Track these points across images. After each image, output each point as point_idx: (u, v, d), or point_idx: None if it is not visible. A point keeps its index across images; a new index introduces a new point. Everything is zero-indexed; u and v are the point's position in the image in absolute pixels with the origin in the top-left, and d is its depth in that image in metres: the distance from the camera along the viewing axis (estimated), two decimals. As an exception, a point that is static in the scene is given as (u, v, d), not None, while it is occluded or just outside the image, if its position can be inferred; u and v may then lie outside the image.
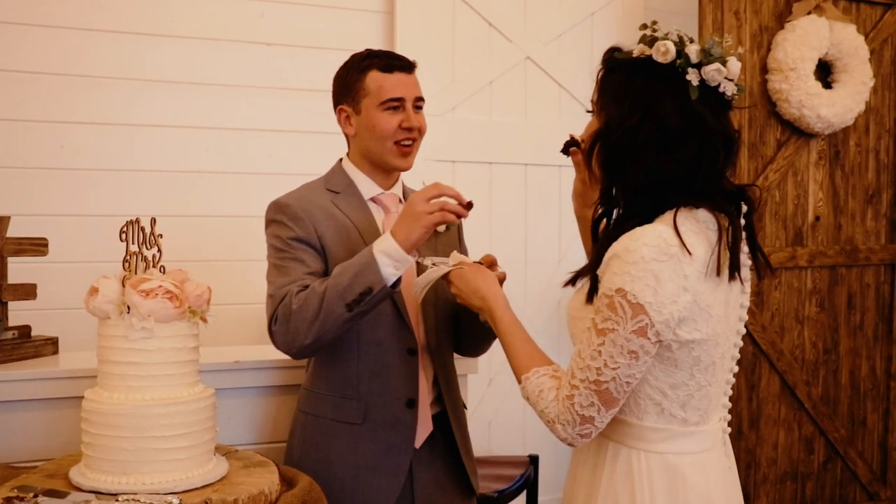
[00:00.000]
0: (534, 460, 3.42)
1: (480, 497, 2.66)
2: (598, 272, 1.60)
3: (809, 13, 3.81)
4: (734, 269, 1.59)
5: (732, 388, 1.76)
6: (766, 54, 3.84)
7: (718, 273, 1.56)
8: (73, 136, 3.32)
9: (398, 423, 2.07)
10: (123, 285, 1.75)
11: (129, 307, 1.73)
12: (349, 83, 2.10)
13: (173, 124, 3.46)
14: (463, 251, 2.27)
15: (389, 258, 1.88)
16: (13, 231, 2.28)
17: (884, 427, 4.19)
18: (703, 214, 1.59)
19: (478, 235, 3.76)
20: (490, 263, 2.04)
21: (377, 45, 3.68)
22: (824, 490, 4.07)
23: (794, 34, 3.77)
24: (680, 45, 1.57)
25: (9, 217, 2.26)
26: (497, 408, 3.88)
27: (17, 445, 2.14)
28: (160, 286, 1.73)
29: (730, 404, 1.75)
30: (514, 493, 3.22)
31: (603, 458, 1.68)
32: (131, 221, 1.79)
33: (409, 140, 2.08)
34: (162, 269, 1.83)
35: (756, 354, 3.87)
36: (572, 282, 1.75)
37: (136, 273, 1.79)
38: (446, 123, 3.71)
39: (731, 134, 1.64)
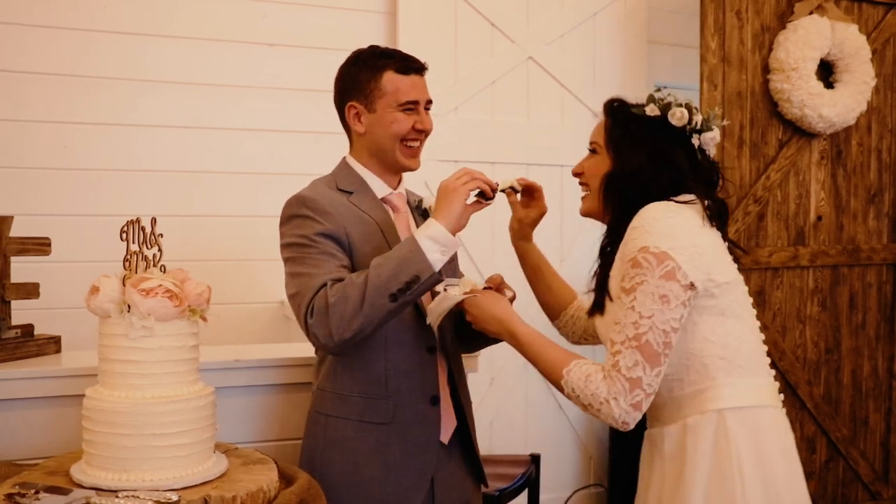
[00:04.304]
0: (535, 459, 3.43)
1: (482, 495, 2.67)
2: (619, 256, 1.81)
3: (811, 13, 3.82)
4: (723, 219, 1.88)
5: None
6: (767, 54, 3.84)
7: (711, 224, 1.84)
8: (75, 136, 3.34)
9: (425, 421, 2.07)
10: (124, 284, 1.77)
11: (129, 306, 1.74)
12: (361, 81, 2.09)
13: (176, 124, 3.48)
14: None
15: (435, 243, 1.87)
16: (16, 231, 2.29)
17: (886, 426, 4.19)
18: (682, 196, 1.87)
19: (480, 235, 3.77)
20: (498, 283, 2.07)
21: (380, 44, 3.71)
22: (826, 489, 4.07)
23: (796, 34, 3.77)
24: (689, 113, 1.90)
25: (12, 217, 2.28)
26: (499, 406, 3.89)
27: (19, 443, 2.15)
28: (160, 285, 1.75)
29: (767, 360, 1.89)
30: (516, 492, 3.23)
31: (681, 442, 1.80)
32: (132, 221, 1.81)
33: (416, 141, 2.11)
34: (162, 269, 1.84)
35: (758, 354, 3.88)
36: (594, 310, 1.96)
37: (136, 272, 1.80)
38: (448, 123, 3.72)
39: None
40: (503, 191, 2.18)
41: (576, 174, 2.07)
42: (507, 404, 3.91)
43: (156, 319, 1.74)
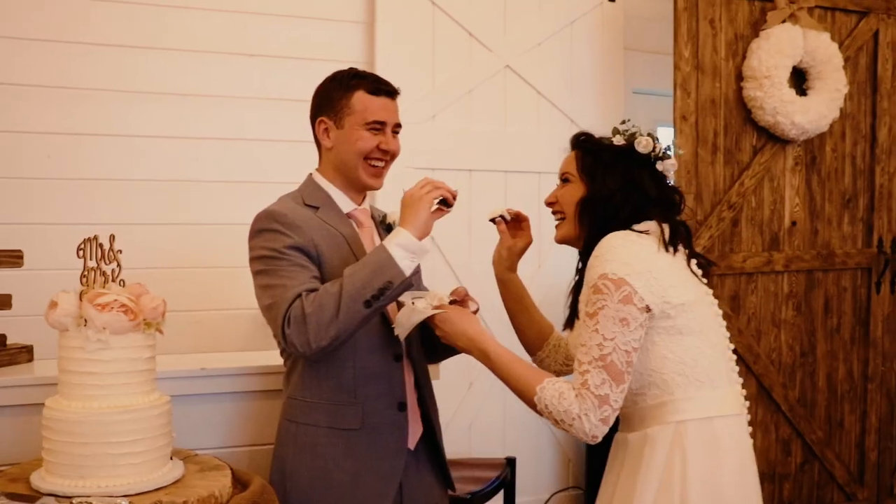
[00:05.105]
0: (510, 462, 3.48)
1: (452, 498, 2.73)
2: (585, 281, 1.95)
3: (784, 21, 3.86)
4: (688, 239, 2.02)
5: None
6: (741, 62, 3.88)
7: (667, 249, 1.96)
8: (59, 146, 3.39)
9: (393, 427, 2.15)
10: (81, 299, 1.84)
11: (86, 320, 1.81)
12: (333, 98, 2.19)
13: (159, 135, 3.53)
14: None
15: (405, 250, 1.96)
16: (-4, 241, 2.36)
17: (861, 429, 4.24)
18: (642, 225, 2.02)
19: (458, 242, 3.83)
20: (463, 296, 2.14)
21: (357, 54, 3.77)
22: (802, 491, 4.12)
23: (769, 42, 3.82)
24: (654, 141, 2.08)
25: (-15, 230, 2.35)
26: (477, 410, 3.95)
27: (-9, 450, 2.23)
28: (116, 300, 1.82)
29: (736, 368, 2.04)
30: (489, 495, 3.27)
31: (640, 450, 1.94)
32: (88, 239, 1.88)
33: (381, 161, 2.19)
34: (122, 283, 1.91)
35: (732, 357, 3.93)
36: (567, 325, 2.15)
37: (93, 287, 1.87)
38: (426, 131, 3.78)
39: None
40: (493, 220, 2.28)
41: (549, 203, 2.18)
42: (485, 408, 3.96)
43: (111, 333, 1.82)
